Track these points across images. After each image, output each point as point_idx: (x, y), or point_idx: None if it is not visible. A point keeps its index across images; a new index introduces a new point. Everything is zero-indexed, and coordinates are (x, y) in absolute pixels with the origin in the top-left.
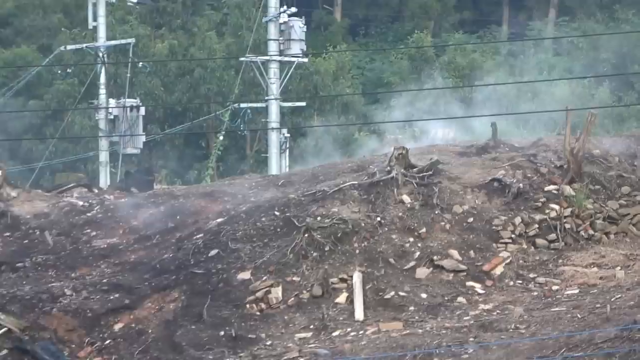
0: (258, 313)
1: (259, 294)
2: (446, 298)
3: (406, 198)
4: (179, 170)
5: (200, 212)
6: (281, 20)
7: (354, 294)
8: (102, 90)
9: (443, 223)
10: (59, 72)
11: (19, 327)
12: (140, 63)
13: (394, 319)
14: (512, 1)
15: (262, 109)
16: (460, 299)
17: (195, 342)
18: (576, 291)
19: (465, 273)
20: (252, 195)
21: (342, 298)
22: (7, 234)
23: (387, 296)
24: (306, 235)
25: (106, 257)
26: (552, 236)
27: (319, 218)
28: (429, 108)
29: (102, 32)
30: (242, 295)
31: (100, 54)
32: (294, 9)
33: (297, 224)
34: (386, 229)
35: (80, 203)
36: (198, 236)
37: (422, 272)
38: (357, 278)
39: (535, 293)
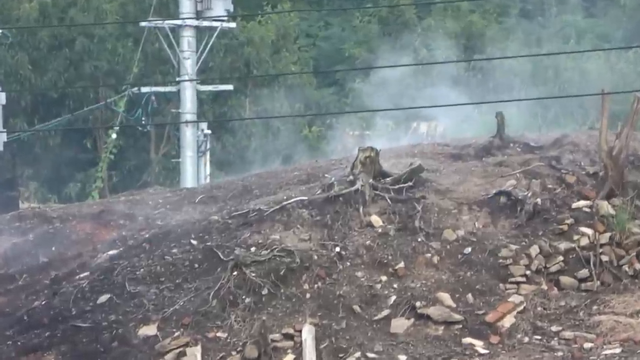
0: None
1: (169, 357)
2: None
3: (376, 219)
4: (55, 182)
5: (86, 241)
6: None
7: (303, 355)
8: None
9: (429, 255)
10: None
11: None
12: None
13: None
14: None
15: (173, 94)
16: None
17: None
18: (618, 350)
19: (461, 325)
20: (159, 217)
21: None
22: None
23: (351, 358)
24: (235, 272)
25: None
26: (584, 273)
27: (253, 249)
28: (409, 92)
29: None
30: (146, 357)
31: None
32: None
33: (222, 257)
34: (349, 263)
35: None
36: (82, 275)
37: (400, 324)
38: (307, 333)
39: (561, 353)
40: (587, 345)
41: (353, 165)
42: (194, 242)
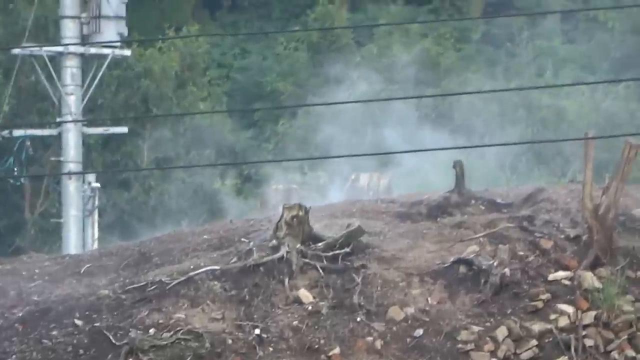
0: None
1: None
2: None
3: (306, 294)
4: None
5: None
6: None
7: None
8: None
9: (371, 338)
10: None
11: None
12: None
13: None
14: None
15: (53, 139)
16: None
17: None
18: None
19: None
20: (36, 291)
21: None
22: None
23: None
24: None
25: None
26: None
27: (152, 330)
28: (346, 136)
29: None
30: None
31: None
32: None
33: (114, 341)
34: (271, 348)
35: None
36: None
37: None
38: None
39: None
40: None
41: (277, 226)
42: (78, 322)
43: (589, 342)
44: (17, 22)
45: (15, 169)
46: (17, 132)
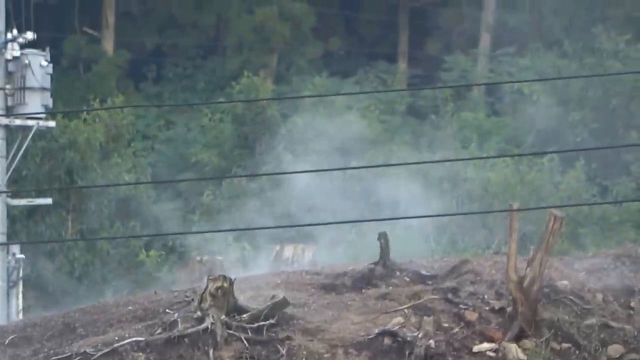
0: None
1: None
2: None
3: None
4: None
5: None
6: (9, 55)
7: None
8: None
9: None
10: None
11: None
12: None
13: None
14: (412, 24)
15: None
16: None
17: None
18: None
19: None
20: None
21: None
22: None
23: None
24: None
25: None
26: None
27: None
28: (270, 208)
29: None
30: None
31: None
32: (31, 35)
33: None
34: None
35: None
36: None
37: None
38: None
39: None
40: None
41: (201, 298)
42: None
43: None
44: None
45: None
46: None
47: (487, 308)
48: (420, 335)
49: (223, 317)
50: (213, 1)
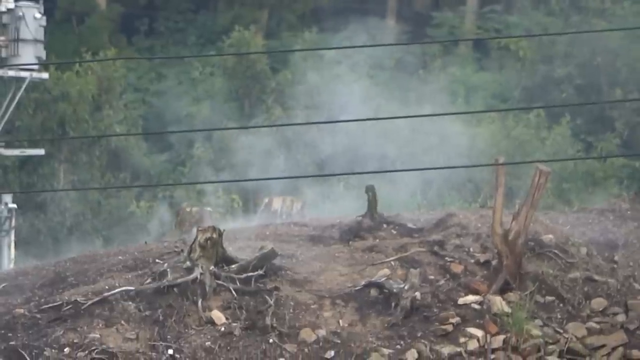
0: None
1: None
2: None
3: (219, 316)
4: None
5: None
6: (3, 7)
7: None
8: None
9: (283, 359)
10: None
11: None
12: None
13: None
14: None
15: None
16: None
17: None
18: None
19: None
20: None
21: None
22: None
23: None
24: None
25: None
26: None
27: (67, 350)
28: (260, 160)
29: None
30: None
31: None
32: None
33: (28, 359)
34: None
35: None
36: None
37: None
38: None
39: None
40: None
41: (191, 248)
42: None
43: None
44: None
45: None
46: None
47: (472, 261)
48: (406, 287)
49: (212, 267)
50: None
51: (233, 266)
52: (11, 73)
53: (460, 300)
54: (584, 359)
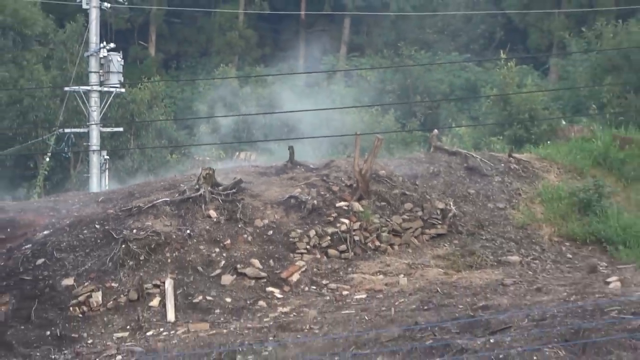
0: (80, 315)
1: (81, 298)
2: (248, 302)
3: (213, 213)
4: (10, 188)
5: (29, 225)
6: (101, 55)
7: (166, 298)
8: None
9: (246, 235)
10: None
11: None
12: None
13: (201, 321)
14: (307, 39)
15: (84, 134)
16: (261, 302)
17: (24, 341)
18: (364, 296)
19: (265, 280)
20: (75, 211)
21: (155, 302)
22: None
23: (196, 300)
24: (123, 246)
25: None
26: (343, 247)
27: (134, 231)
28: (234, 133)
29: None
30: (66, 299)
31: None
32: (112, 45)
33: (115, 236)
34: (195, 240)
35: None
36: (27, 247)
37: (227, 279)
38: (168, 284)
39: (328, 297)
40: (345, 292)
41: (198, 179)
42: (97, 226)
43: (356, 238)
44: (66, 74)
45: (66, 149)
46: (67, 130)
47: (344, 184)
48: (309, 198)
49: (209, 188)
50: None
51: (220, 187)
52: (105, 89)
53: (337, 205)
54: (400, 234)
